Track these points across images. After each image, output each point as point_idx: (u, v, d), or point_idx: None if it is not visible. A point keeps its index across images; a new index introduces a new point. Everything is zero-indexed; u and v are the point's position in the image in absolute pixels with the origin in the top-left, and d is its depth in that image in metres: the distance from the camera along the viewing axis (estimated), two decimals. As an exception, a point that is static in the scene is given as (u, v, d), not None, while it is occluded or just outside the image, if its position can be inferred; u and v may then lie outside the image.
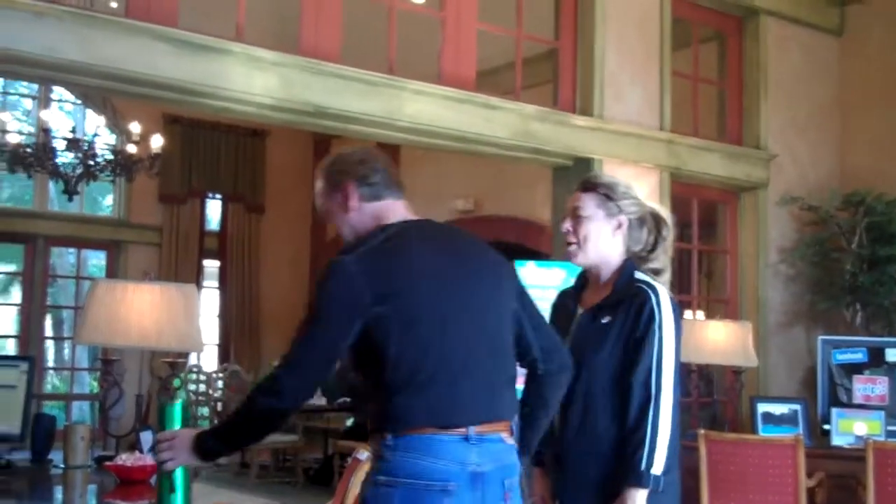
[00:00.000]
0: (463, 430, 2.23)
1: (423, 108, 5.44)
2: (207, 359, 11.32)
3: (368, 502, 2.25)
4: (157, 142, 8.93)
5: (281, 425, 2.35)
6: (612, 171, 5.97)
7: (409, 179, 9.30)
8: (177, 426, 2.48)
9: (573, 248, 2.85)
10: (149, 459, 3.38)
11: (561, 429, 2.76)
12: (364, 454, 2.82)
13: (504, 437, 2.33)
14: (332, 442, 9.16)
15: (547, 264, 6.20)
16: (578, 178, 3.14)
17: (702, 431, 5.00)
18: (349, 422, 9.11)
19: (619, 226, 2.81)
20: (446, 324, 2.27)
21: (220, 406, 9.72)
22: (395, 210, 2.46)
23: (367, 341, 2.26)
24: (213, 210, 12.08)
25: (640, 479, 2.57)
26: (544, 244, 8.09)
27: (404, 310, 2.24)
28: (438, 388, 2.23)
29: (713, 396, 6.60)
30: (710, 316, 6.96)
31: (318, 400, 9.21)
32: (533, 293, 6.04)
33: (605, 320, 2.74)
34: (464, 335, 2.29)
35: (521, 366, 2.53)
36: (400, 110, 5.37)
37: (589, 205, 2.83)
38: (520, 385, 2.51)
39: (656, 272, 2.84)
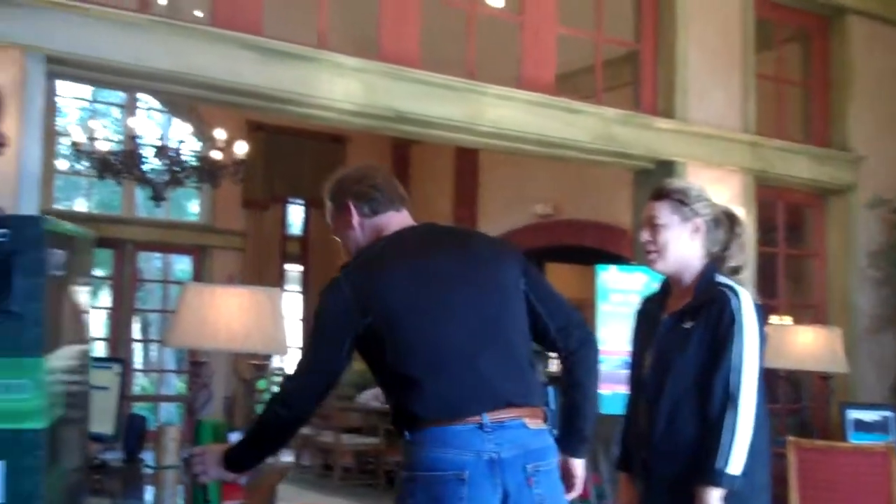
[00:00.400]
0: (476, 418, 2.27)
1: (504, 112, 5.45)
2: (290, 361, 11.46)
3: (398, 499, 2.32)
4: (241, 148, 9.07)
5: (295, 432, 2.48)
6: (696, 173, 5.91)
7: (489, 184, 9.35)
8: (209, 442, 2.59)
9: (653, 256, 2.85)
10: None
11: (648, 433, 2.75)
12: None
13: (527, 423, 2.33)
14: (412, 445, 9.19)
15: (629, 269, 6.15)
16: (661, 180, 3.13)
17: (791, 438, 4.90)
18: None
19: (696, 229, 2.82)
20: (434, 321, 2.34)
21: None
22: (395, 222, 2.53)
23: (368, 350, 2.38)
24: (295, 215, 12.24)
25: (715, 478, 2.55)
26: (625, 248, 8.03)
27: (387, 315, 2.33)
28: (438, 382, 2.29)
29: (801, 403, 6.47)
30: (797, 321, 6.83)
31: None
32: (615, 297, 6.04)
33: (687, 325, 2.73)
34: (457, 329, 2.34)
35: (546, 349, 2.56)
36: (481, 115, 5.39)
37: (664, 212, 2.83)
38: (602, 391, 2.49)
39: (735, 270, 2.84)
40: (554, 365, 7.12)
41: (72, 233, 1.90)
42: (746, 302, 2.68)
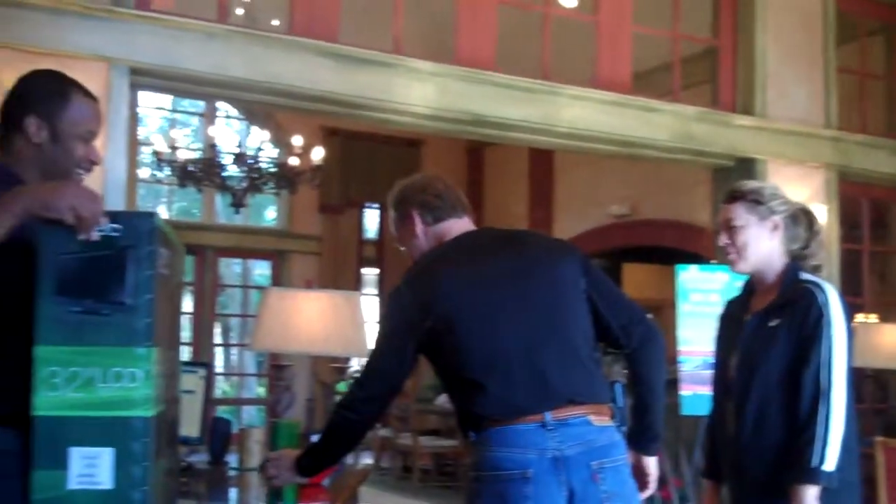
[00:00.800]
0: (538, 417, 2.28)
1: (580, 112, 5.43)
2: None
3: (467, 500, 2.35)
4: (318, 154, 9.15)
5: (362, 435, 2.52)
6: (777, 170, 5.82)
7: (564, 185, 9.31)
8: (286, 443, 2.66)
9: (734, 257, 2.81)
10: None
11: (736, 434, 2.71)
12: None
13: (592, 420, 2.32)
14: (491, 447, 9.20)
15: (710, 268, 6.06)
16: (741, 178, 3.10)
17: (879, 439, 4.78)
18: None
19: (775, 227, 2.78)
20: (492, 323, 2.35)
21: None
22: (456, 228, 2.57)
23: (431, 354, 2.42)
24: (371, 219, 12.34)
25: (811, 476, 2.51)
26: (705, 247, 7.92)
27: (446, 319, 2.36)
28: (497, 383, 2.31)
29: (889, 402, 6.31)
30: (884, 319, 6.66)
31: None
32: (695, 297, 5.96)
33: (773, 323, 2.70)
34: (515, 330, 2.35)
35: (610, 346, 2.54)
36: (557, 116, 5.38)
37: (740, 213, 2.80)
38: (684, 392, 2.44)
39: (816, 269, 2.80)
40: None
41: (171, 236, 1.97)
42: (833, 297, 2.65)
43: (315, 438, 3.78)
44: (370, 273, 12.28)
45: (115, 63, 4.41)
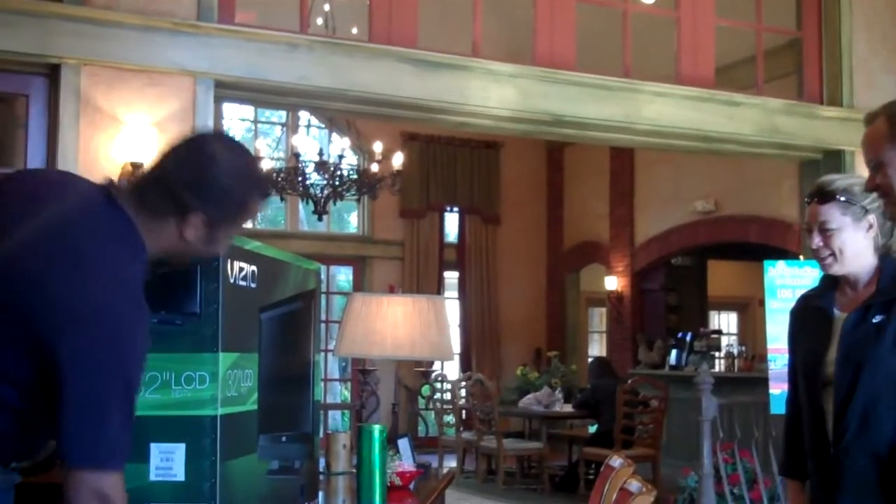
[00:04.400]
0: None
1: (661, 109, 5.37)
2: (449, 368, 11.57)
3: None
4: (398, 159, 9.19)
5: None
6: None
7: (645, 183, 9.20)
8: (376, 447, 2.63)
9: (829, 261, 2.72)
10: (408, 465, 3.48)
11: (837, 433, 2.65)
12: (618, 461, 2.79)
13: None
14: (576, 449, 9.16)
15: (798, 263, 5.93)
16: (829, 171, 3.03)
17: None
18: (592, 429, 9.08)
19: (870, 226, 2.68)
20: None
21: (464, 414, 9.91)
22: None
23: None
24: (451, 223, 12.35)
25: None
26: (791, 242, 7.76)
27: None
28: None
29: None
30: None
31: (563, 407, 9.25)
32: (783, 293, 5.83)
33: (877, 319, 2.61)
34: None
35: None
36: (638, 113, 5.33)
37: (834, 216, 2.68)
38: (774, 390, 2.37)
39: None
40: None
41: (265, 252, 2.04)
42: None
43: (402, 442, 3.78)
44: (451, 276, 12.31)
45: (201, 77, 4.50)
